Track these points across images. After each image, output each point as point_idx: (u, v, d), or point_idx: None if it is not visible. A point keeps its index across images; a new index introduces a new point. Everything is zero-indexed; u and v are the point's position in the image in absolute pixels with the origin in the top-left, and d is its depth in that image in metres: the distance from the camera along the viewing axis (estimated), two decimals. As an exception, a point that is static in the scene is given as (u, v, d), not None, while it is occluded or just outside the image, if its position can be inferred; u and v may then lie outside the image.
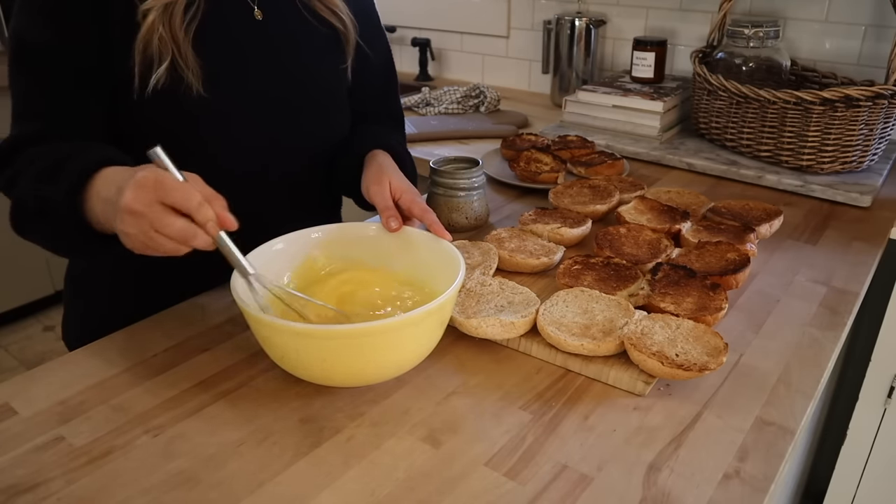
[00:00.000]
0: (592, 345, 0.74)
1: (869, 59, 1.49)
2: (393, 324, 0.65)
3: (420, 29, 2.21)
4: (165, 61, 0.78)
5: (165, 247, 0.64)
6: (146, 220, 0.62)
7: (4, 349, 2.50)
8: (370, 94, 1.04)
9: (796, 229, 1.11)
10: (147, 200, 0.62)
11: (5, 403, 0.71)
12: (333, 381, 0.71)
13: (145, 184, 0.62)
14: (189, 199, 0.62)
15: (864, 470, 1.41)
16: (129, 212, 0.62)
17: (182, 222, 0.62)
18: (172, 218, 0.62)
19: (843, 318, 0.86)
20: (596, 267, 0.90)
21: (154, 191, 0.62)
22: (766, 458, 0.64)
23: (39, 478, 0.61)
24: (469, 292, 0.84)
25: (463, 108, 1.80)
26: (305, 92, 0.92)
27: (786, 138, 1.28)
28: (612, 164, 1.29)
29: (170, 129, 0.83)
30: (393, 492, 0.60)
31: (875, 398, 1.34)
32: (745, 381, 0.75)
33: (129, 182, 0.63)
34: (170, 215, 0.62)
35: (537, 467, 0.63)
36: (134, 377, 0.75)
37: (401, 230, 0.82)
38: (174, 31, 0.78)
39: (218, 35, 0.83)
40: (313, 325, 0.65)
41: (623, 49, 1.83)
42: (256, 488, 0.60)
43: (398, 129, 1.10)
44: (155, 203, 0.62)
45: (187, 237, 0.63)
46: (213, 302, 0.89)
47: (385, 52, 1.05)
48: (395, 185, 0.85)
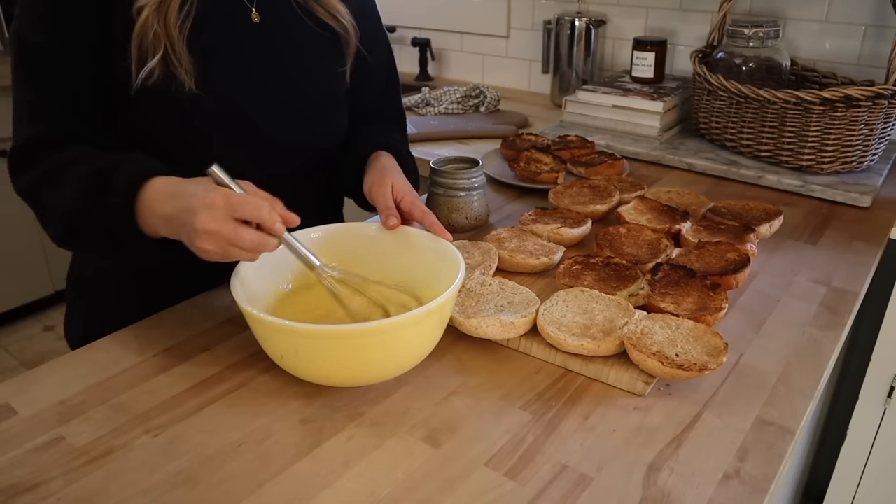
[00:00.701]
0: (592, 345, 0.74)
1: (869, 59, 1.49)
2: (392, 324, 0.65)
3: (420, 29, 2.21)
4: (158, 53, 0.78)
5: (242, 257, 0.69)
6: (222, 236, 0.66)
7: (4, 349, 2.50)
8: (371, 95, 1.04)
9: (796, 229, 1.11)
10: (222, 219, 0.66)
11: (5, 403, 0.71)
12: (333, 381, 0.71)
13: (215, 204, 0.66)
14: (261, 211, 0.67)
15: (864, 470, 1.41)
16: (206, 232, 0.66)
17: (255, 234, 0.67)
18: (246, 231, 0.67)
19: (843, 318, 0.86)
20: (596, 267, 0.90)
21: (226, 209, 0.66)
22: (766, 458, 0.64)
23: (39, 478, 0.61)
24: (469, 292, 0.84)
25: (463, 108, 1.80)
26: (303, 93, 0.92)
27: (786, 138, 1.28)
28: (612, 164, 1.29)
29: (165, 127, 0.83)
30: (393, 492, 0.60)
31: (875, 398, 1.34)
32: (745, 381, 0.75)
33: (198, 205, 0.66)
34: (244, 229, 0.67)
35: (537, 467, 0.63)
36: (134, 377, 0.75)
37: (401, 230, 0.82)
38: (168, 27, 0.78)
39: (213, 34, 0.84)
40: (313, 325, 0.65)
41: (623, 49, 1.83)
42: (256, 488, 0.60)
43: (400, 130, 1.10)
44: (229, 220, 0.66)
45: (260, 246, 0.68)
46: (213, 302, 0.89)
47: (386, 53, 1.05)
48: (397, 187, 0.85)
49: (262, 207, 0.67)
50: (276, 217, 0.68)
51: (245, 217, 0.67)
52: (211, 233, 0.66)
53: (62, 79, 0.79)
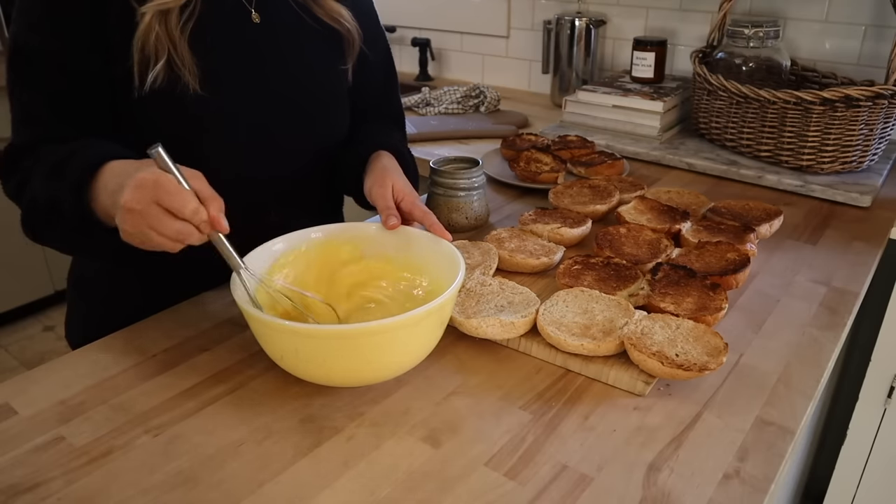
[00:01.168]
0: (592, 345, 0.74)
1: (869, 59, 1.49)
2: (391, 324, 0.65)
3: (420, 29, 2.21)
4: (162, 58, 0.79)
5: (162, 246, 0.66)
6: (143, 219, 0.64)
7: (4, 349, 2.50)
8: (370, 94, 1.04)
9: (796, 229, 1.11)
10: (145, 201, 0.63)
11: (5, 403, 0.71)
12: (333, 381, 0.71)
13: (144, 184, 0.64)
14: (185, 205, 0.64)
15: (864, 470, 1.41)
16: (127, 210, 0.64)
17: (178, 224, 0.64)
18: (169, 219, 0.64)
19: (843, 318, 0.86)
20: (596, 267, 0.90)
21: (153, 191, 0.63)
22: (766, 458, 0.64)
23: (39, 478, 0.61)
24: (469, 292, 0.84)
25: (463, 108, 1.80)
26: (305, 92, 0.92)
27: (786, 138, 1.28)
28: (612, 164, 1.29)
29: (169, 129, 0.83)
30: (393, 492, 0.60)
31: (875, 398, 1.34)
32: (745, 381, 0.75)
33: (129, 181, 0.64)
34: (166, 217, 0.64)
35: (537, 467, 0.63)
36: (134, 377, 0.75)
37: (401, 230, 0.82)
38: (170, 30, 0.79)
39: (214, 36, 0.84)
40: (313, 325, 0.65)
41: (623, 49, 1.83)
42: (256, 488, 0.60)
43: (399, 129, 1.10)
44: (152, 204, 0.64)
45: (182, 237, 0.66)
46: (213, 302, 0.89)
47: (385, 51, 1.05)
48: (397, 187, 0.85)
49: (187, 203, 0.64)
50: (203, 217, 0.65)
51: (167, 207, 0.64)
52: (132, 211, 0.64)
53: (57, 82, 0.79)
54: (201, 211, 0.65)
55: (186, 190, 0.65)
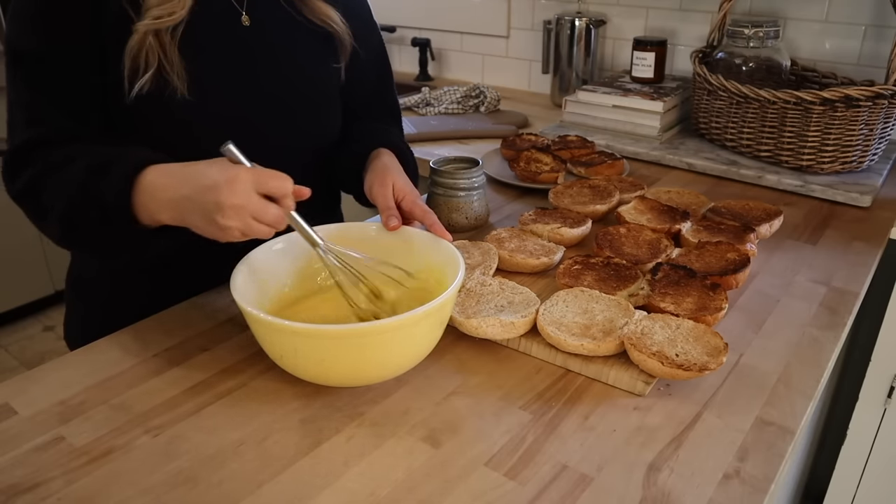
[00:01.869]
0: (592, 345, 0.74)
1: (869, 59, 1.49)
2: (391, 324, 0.65)
3: (420, 29, 2.21)
4: (151, 69, 0.79)
5: (262, 232, 0.69)
6: (247, 210, 0.67)
7: (4, 349, 2.50)
8: (365, 90, 1.03)
9: (796, 229, 1.11)
10: (247, 193, 0.67)
11: (5, 403, 0.71)
12: (331, 381, 0.71)
13: (241, 178, 0.67)
14: (286, 186, 0.69)
15: (864, 470, 1.41)
16: (232, 207, 0.67)
17: (277, 209, 0.69)
18: (270, 205, 0.69)
19: (843, 318, 0.86)
20: (596, 267, 0.90)
21: (252, 183, 0.68)
22: (766, 458, 0.64)
23: (39, 478, 0.61)
24: (469, 292, 0.84)
25: (463, 108, 1.79)
26: (296, 93, 0.92)
27: (786, 138, 1.28)
28: (612, 164, 1.29)
29: (159, 132, 0.83)
30: (393, 492, 0.60)
31: (875, 398, 1.34)
32: (745, 381, 0.75)
33: (222, 182, 0.67)
34: (268, 203, 0.69)
35: (537, 467, 0.63)
36: (134, 377, 0.75)
37: (401, 230, 0.82)
38: (161, 38, 0.79)
39: (204, 39, 0.84)
40: (311, 325, 0.65)
41: (623, 49, 1.83)
42: (256, 488, 0.60)
43: (396, 125, 1.10)
44: (253, 194, 0.68)
45: (280, 221, 0.70)
46: (214, 302, 0.89)
47: (378, 47, 1.05)
48: (398, 186, 0.85)
49: (287, 182, 0.69)
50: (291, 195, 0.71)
51: (270, 191, 0.68)
52: (237, 207, 0.67)
53: (56, 82, 0.78)
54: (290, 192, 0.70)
55: (281, 174, 0.69)
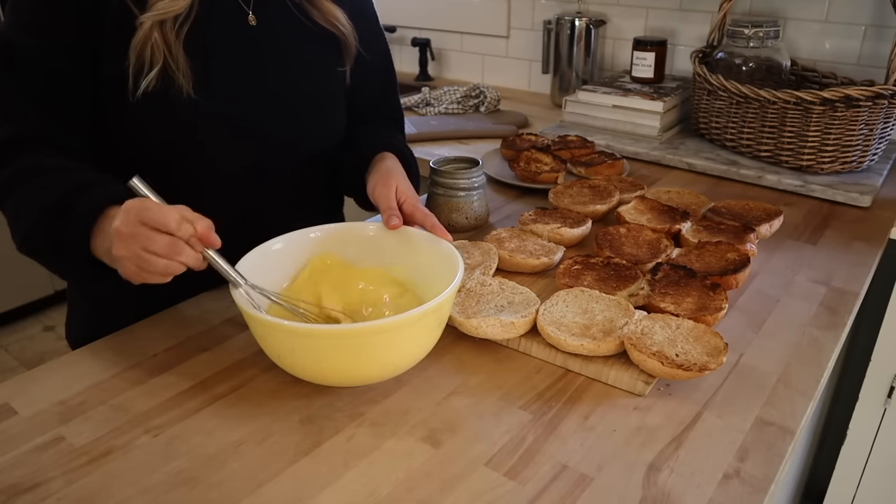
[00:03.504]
0: (592, 345, 0.74)
1: (869, 59, 1.49)
2: (389, 324, 0.65)
3: (420, 29, 2.20)
4: (157, 65, 0.78)
5: (156, 264, 0.66)
6: (134, 240, 0.66)
7: (4, 349, 2.50)
8: (369, 94, 1.04)
9: (796, 229, 1.11)
10: (132, 222, 0.66)
11: (5, 403, 0.71)
12: (330, 381, 0.71)
13: (129, 208, 0.66)
14: (167, 217, 0.66)
15: (864, 470, 1.41)
16: (118, 235, 0.66)
17: (166, 238, 0.66)
18: (157, 235, 0.66)
19: (843, 318, 0.86)
20: (596, 267, 0.90)
21: (137, 213, 0.66)
22: (766, 458, 0.64)
23: (39, 478, 0.61)
24: (469, 292, 0.84)
25: (463, 108, 1.79)
26: (301, 93, 0.92)
27: (786, 138, 1.28)
28: (612, 164, 1.29)
29: (161, 132, 0.83)
30: (393, 492, 0.60)
31: (875, 398, 1.34)
32: (745, 381, 0.75)
33: (117, 213, 0.67)
34: (155, 233, 0.66)
35: (537, 467, 0.63)
36: (134, 377, 0.75)
37: (401, 230, 0.82)
38: (167, 35, 0.78)
39: (211, 38, 0.84)
40: (310, 325, 0.65)
41: (623, 49, 1.83)
42: (256, 488, 0.60)
43: (399, 129, 1.10)
44: (139, 224, 0.66)
45: (173, 252, 0.66)
46: (213, 302, 0.89)
47: (383, 51, 1.05)
48: (401, 189, 0.86)
49: (169, 215, 0.66)
50: (189, 229, 0.67)
51: (153, 222, 0.66)
52: (122, 235, 0.66)
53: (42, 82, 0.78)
54: (185, 225, 0.67)
55: (167, 206, 0.67)
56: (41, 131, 0.79)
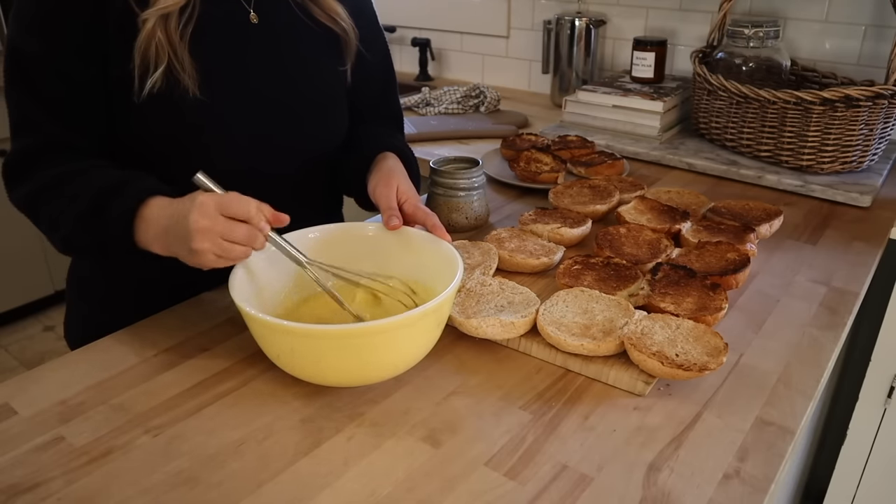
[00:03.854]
0: (592, 345, 0.74)
1: (869, 59, 1.49)
2: (388, 324, 0.64)
3: (420, 29, 2.20)
4: (162, 65, 0.79)
5: (235, 251, 0.71)
6: (215, 232, 0.69)
7: (4, 349, 2.50)
8: (369, 94, 1.04)
9: (796, 229, 1.11)
10: (212, 215, 0.69)
11: (5, 403, 0.71)
12: (329, 381, 0.71)
13: (206, 203, 0.70)
14: (248, 208, 0.71)
15: (864, 470, 1.41)
16: (199, 231, 0.69)
17: (246, 227, 0.71)
18: (238, 225, 0.70)
19: (843, 318, 0.86)
20: (596, 267, 0.90)
21: (216, 206, 0.70)
22: (766, 458, 0.64)
23: (39, 478, 0.61)
24: (469, 292, 0.84)
25: (463, 108, 1.79)
26: (303, 93, 0.92)
27: (786, 138, 1.28)
28: (612, 164, 1.29)
29: (167, 132, 0.83)
30: (393, 492, 0.60)
31: (875, 398, 1.34)
32: (745, 381, 0.75)
33: (190, 208, 0.70)
34: (234, 223, 0.70)
35: (537, 467, 0.63)
36: (134, 377, 0.75)
37: (400, 230, 0.82)
38: (170, 34, 0.79)
39: (213, 37, 0.84)
40: (307, 325, 0.65)
41: (623, 49, 1.83)
42: (256, 488, 0.60)
43: (399, 130, 1.10)
44: (219, 216, 0.70)
45: (251, 238, 0.71)
46: (213, 302, 0.89)
47: (383, 51, 1.05)
48: (402, 189, 0.86)
49: (249, 204, 0.71)
50: (262, 215, 0.72)
51: (234, 214, 0.70)
52: (204, 230, 0.69)
53: (54, 87, 0.79)
54: (260, 211, 0.72)
55: (244, 197, 0.71)
56: (58, 138, 0.80)
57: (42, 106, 0.79)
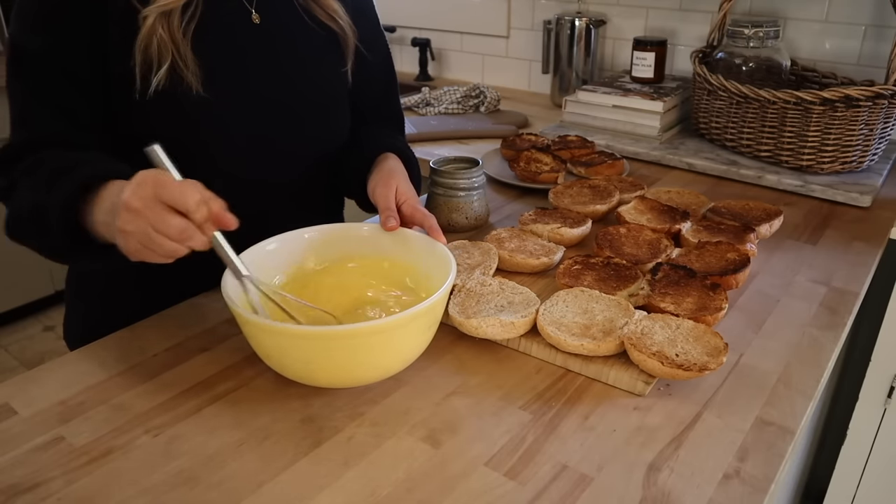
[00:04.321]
0: (592, 345, 0.74)
1: (869, 59, 1.49)
2: (379, 326, 0.64)
3: (420, 29, 2.21)
4: (165, 63, 0.78)
5: (164, 247, 0.63)
6: (145, 217, 0.61)
7: (4, 349, 2.50)
8: (370, 95, 1.04)
9: (796, 229, 1.11)
10: (147, 197, 0.61)
11: (5, 403, 0.71)
12: (321, 383, 0.70)
13: (145, 181, 0.62)
14: (187, 197, 0.62)
15: (864, 470, 1.41)
16: (128, 209, 0.62)
17: (180, 221, 0.62)
18: (171, 216, 0.62)
19: (843, 318, 0.86)
20: (596, 267, 0.90)
21: (153, 188, 0.61)
22: (766, 458, 0.64)
23: (39, 478, 0.61)
24: (469, 292, 0.84)
25: (463, 108, 1.79)
26: (304, 94, 0.92)
27: (786, 138, 1.28)
28: (612, 164, 1.29)
29: (168, 130, 0.83)
30: (393, 492, 0.60)
31: (875, 398, 1.34)
32: (745, 381, 0.75)
33: (128, 185, 0.63)
34: (169, 214, 0.62)
35: (537, 467, 0.63)
36: (134, 377, 0.75)
37: (396, 231, 0.82)
38: (172, 32, 0.78)
39: (216, 36, 0.84)
40: (297, 326, 0.65)
41: (623, 49, 1.83)
42: (256, 488, 0.60)
43: (400, 131, 1.10)
44: (154, 200, 0.61)
45: (185, 237, 0.62)
46: (213, 302, 0.89)
47: (384, 52, 1.05)
48: (401, 190, 0.86)
49: (189, 195, 0.62)
50: (204, 211, 0.63)
51: (171, 200, 0.61)
52: (134, 210, 0.61)
53: (54, 83, 0.78)
54: (203, 206, 0.63)
55: (187, 183, 0.63)
56: (56, 134, 0.79)
57: (42, 102, 0.79)
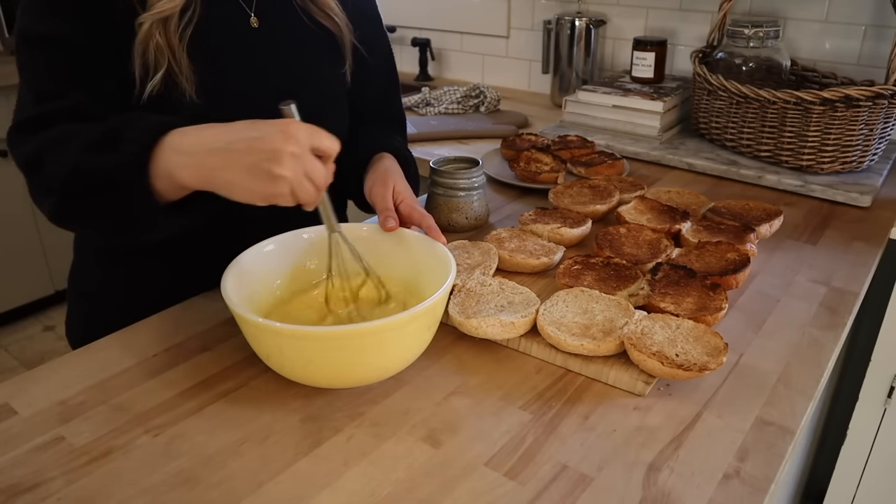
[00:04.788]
0: (592, 345, 0.74)
1: (869, 59, 1.49)
2: (378, 326, 0.64)
3: (420, 29, 2.21)
4: (161, 69, 0.78)
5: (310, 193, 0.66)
6: (302, 162, 0.65)
7: (4, 349, 2.50)
8: (371, 97, 1.04)
9: (796, 229, 1.11)
10: (304, 145, 0.65)
11: (5, 403, 0.71)
12: (319, 383, 0.70)
13: (301, 128, 0.66)
14: (335, 148, 0.67)
15: (864, 470, 1.41)
16: (290, 154, 0.64)
17: (325, 170, 0.67)
18: (321, 166, 0.66)
19: (843, 318, 0.86)
20: (596, 267, 0.90)
21: (310, 136, 0.66)
22: (766, 458, 0.64)
23: (39, 478, 0.61)
24: (469, 292, 0.84)
25: (463, 108, 1.80)
26: (302, 96, 0.92)
27: (786, 138, 1.28)
28: (612, 164, 1.29)
29: None
30: (393, 492, 0.60)
31: (875, 398, 1.34)
32: (745, 381, 0.75)
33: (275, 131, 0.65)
34: (319, 163, 0.67)
35: (537, 467, 0.63)
36: (134, 377, 0.75)
37: (396, 231, 0.82)
38: (169, 37, 0.78)
39: (213, 41, 0.83)
40: (297, 326, 0.64)
41: (623, 49, 1.83)
42: (256, 488, 0.60)
43: (400, 132, 1.10)
44: (308, 149, 0.66)
45: (323, 185, 0.68)
46: (213, 302, 0.89)
47: (386, 54, 1.05)
48: (398, 189, 0.86)
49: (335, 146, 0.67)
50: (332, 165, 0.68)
51: (322, 147, 0.66)
52: (294, 155, 0.64)
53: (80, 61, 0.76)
54: None
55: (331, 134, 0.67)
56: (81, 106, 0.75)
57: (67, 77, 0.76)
